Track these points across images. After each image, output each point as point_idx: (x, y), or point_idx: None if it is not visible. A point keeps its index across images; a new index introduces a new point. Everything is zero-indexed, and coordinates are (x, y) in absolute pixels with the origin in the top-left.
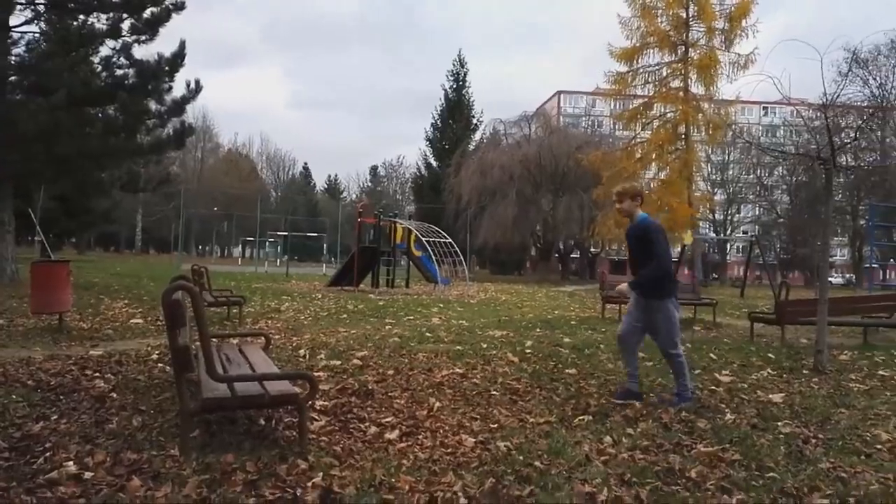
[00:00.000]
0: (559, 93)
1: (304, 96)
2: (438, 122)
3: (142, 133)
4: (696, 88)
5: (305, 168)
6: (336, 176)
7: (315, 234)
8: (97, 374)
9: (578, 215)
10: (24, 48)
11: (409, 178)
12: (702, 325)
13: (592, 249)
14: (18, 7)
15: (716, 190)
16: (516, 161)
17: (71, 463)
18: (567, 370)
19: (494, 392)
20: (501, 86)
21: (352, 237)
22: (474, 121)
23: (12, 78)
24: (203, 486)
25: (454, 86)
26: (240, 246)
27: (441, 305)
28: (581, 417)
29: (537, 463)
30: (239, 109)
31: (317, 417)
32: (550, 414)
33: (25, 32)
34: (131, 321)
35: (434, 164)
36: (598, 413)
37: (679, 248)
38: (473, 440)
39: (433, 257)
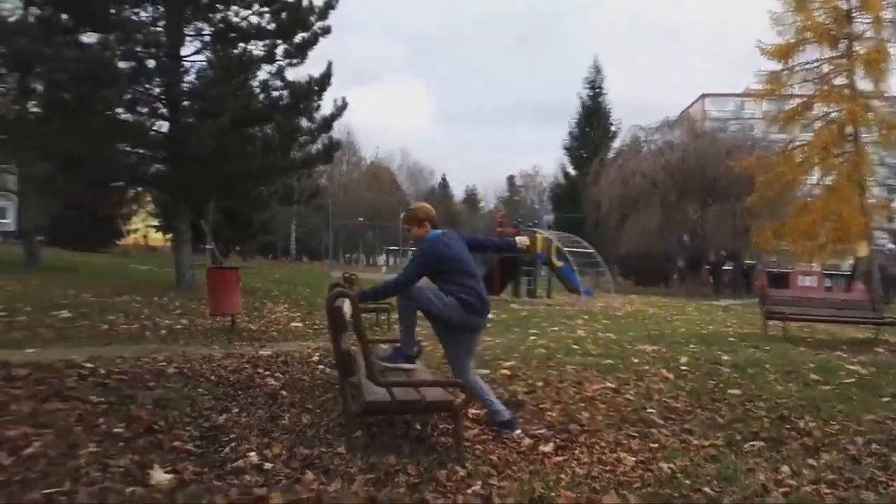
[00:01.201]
0: (704, 96)
1: (443, 109)
2: (576, 130)
3: (295, 150)
4: (864, 85)
5: (444, 179)
6: (474, 186)
7: None
8: (268, 373)
9: (730, 224)
10: (194, 76)
11: (547, 188)
12: (885, 346)
13: (747, 261)
14: (188, 38)
15: (893, 196)
16: (659, 168)
17: (253, 454)
18: (730, 390)
19: (651, 410)
20: (640, 91)
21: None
22: (612, 128)
23: (185, 103)
24: (369, 484)
25: (591, 93)
26: (384, 254)
27: (586, 317)
28: (752, 443)
29: (707, 489)
30: (381, 124)
31: (470, 425)
32: (716, 437)
33: (195, 62)
34: (292, 324)
35: (572, 172)
36: (771, 439)
37: (852, 261)
38: (633, 459)
39: (575, 267)
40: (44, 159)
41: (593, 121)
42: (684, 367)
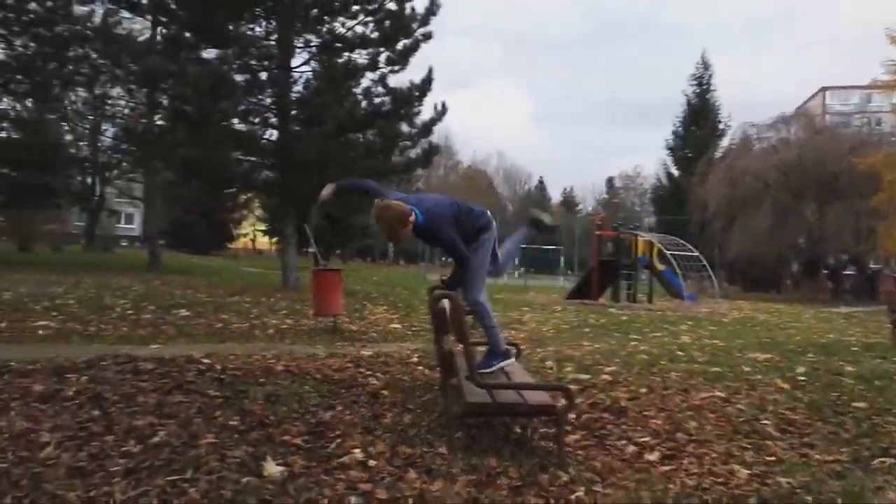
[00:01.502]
0: (824, 89)
1: (540, 110)
2: (680, 129)
3: (395, 154)
4: None
5: (541, 182)
6: (571, 188)
7: (551, 247)
8: (369, 373)
9: (853, 225)
10: (302, 86)
11: (649, 189)
12: None
13: (872, 265)
14: (297, 50)
15: None
16: (771, 167)
17: (357, 450)
18: (855, 403)
19: (765, 421)
20: (751, 86)
21: (589, 250)
22: (721, 126)
23: (293, 112)
24: (471, 486)
25: (697, 90)
26: None
27: (690, 323)
28: (881, 459)
29: None
30: (477, 127)
31: (570, 430)
32: (840, 452)
33: (303, 72)
34: (390, 326)
35: (675, 173)
36: None
37: None
38: (747, 472)
39: (678, 271)
40: (166, 168)
41: (699, 119)
42: (802, 378)
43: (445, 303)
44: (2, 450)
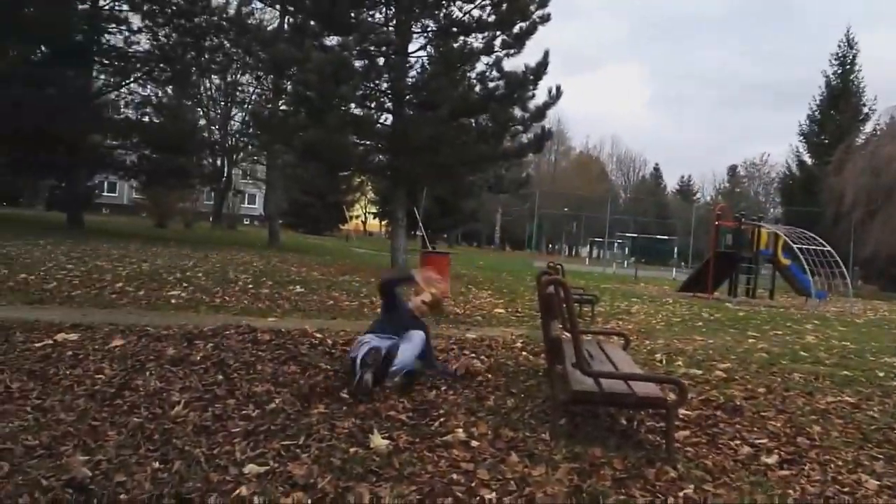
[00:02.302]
0: None
1: (658, 95)
2: (816, 113)
3: (507, 139)
4: None
5: (656, 169)
6: (689, 177)
7: (665, 237)
8: (473, 355)
9: None
10: (417, 71)
11: (775, 178)
12: None
13: None
14: (414, 35)
15: None
16: None
17: (460, 430)
18: None
19: None
20: None
21: (705, 241)
22: (864, 110)
23: (408, 97)
24: (573, 473)
25: (838, 70)
26: (588, 246)
27: (816, 322)
28: None
29: None
30: (591, 111)
31: (680, 426)
32: None
33: (419, 57)
34: (495, 310)
35: (808, 161)
36: None
37: None
38: (877, 483)
39: (806, 267)
40: (288, 151)
41: (840, 102)
42: None
43: (554, 288)
44: (138, 406)
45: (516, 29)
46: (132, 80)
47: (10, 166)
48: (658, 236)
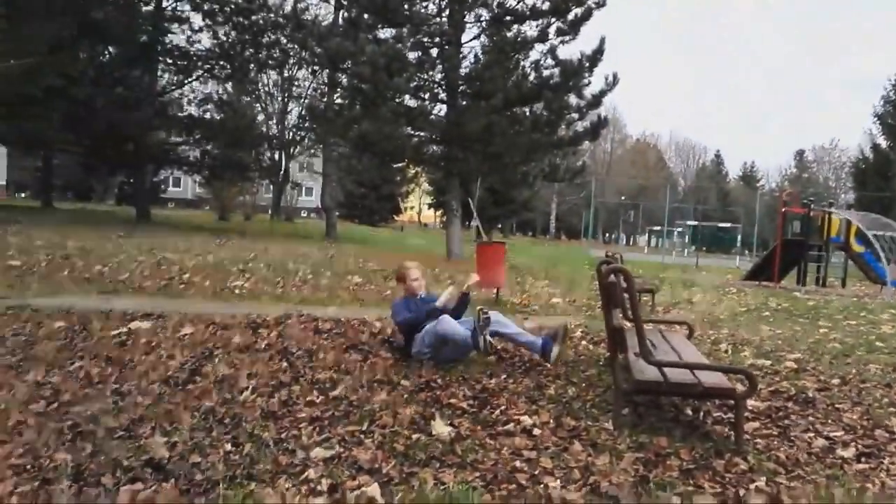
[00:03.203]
0: None
1: (719, 80)
2: (892, 93)
3: (562, 127)
4: None
5: (717, 155)
6: (752, 163)
7: (727, 225)
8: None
9: None
10: (470, 61)
11: (847, 163)
12: None
13: None
14: (467, 25)
15: None
16: None
17: (523, 417)
18: None
19: None
20: None
21: (770, 229)
22: None
23: (461, 87)
24: (638, 463)
25: None
26: (646, 235)
27: (893, 311)
28: None
29: None
30: (650, 98)
31: (749, 418)
32: None
33: (472, 47)
34: (552, 300)
35: (883, 144)
36: None
37: None
38: None
39: (881, 255)
40: (343, 143)
41: None
42: None
43: (616, 276)
44: (209, 391)
45: (571, 15)
46: (194, 77)
47: (83, 164)
48: (720, 224)
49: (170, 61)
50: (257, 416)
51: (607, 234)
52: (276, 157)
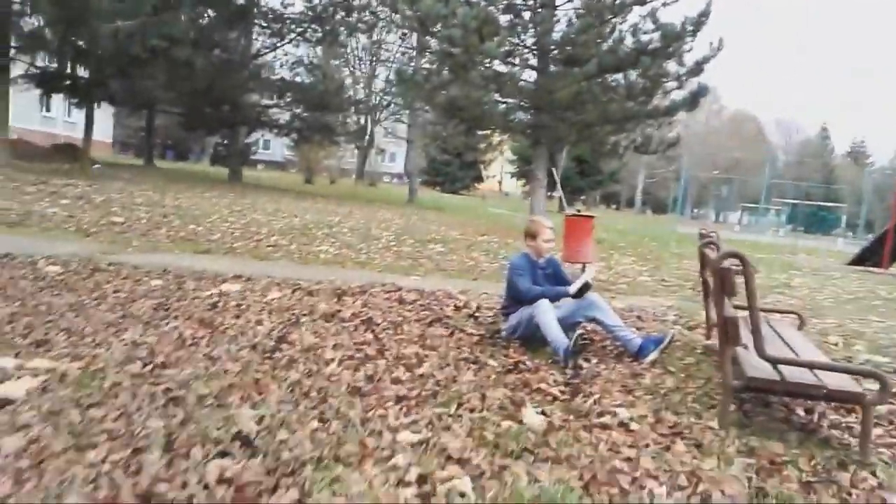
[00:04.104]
0: None
1: (831, 51)
2: None
3: (659, 96)
4: None
5: (824, 129)
6: (862, 141)
7: (830, 204)
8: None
9: None
10: (565, 25)
11: None
12: None
13: None
14: None
15: None
16: None
17: (621, 410)
18: None
19: None
20: None
21: (879, 210)
22: None
23: (553, 52)
24: (750, 470)
25: None
26: (739, 212)
27: None
28: None
29: None
30: (753, 66)
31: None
32: None
33: (566, 10)
34: (639, 278)
35: None
36: None
37: None
38: None
39: None
40: (430, 109)
41: None
42: None
43: (731, 262)
44: (296, 360)
45: None
46: (287, 40)
47: (183, 124)
48: (822, 203)
49: (264, 24)
50: (343, 392)
51: (695, 210)
52: (362, 121)
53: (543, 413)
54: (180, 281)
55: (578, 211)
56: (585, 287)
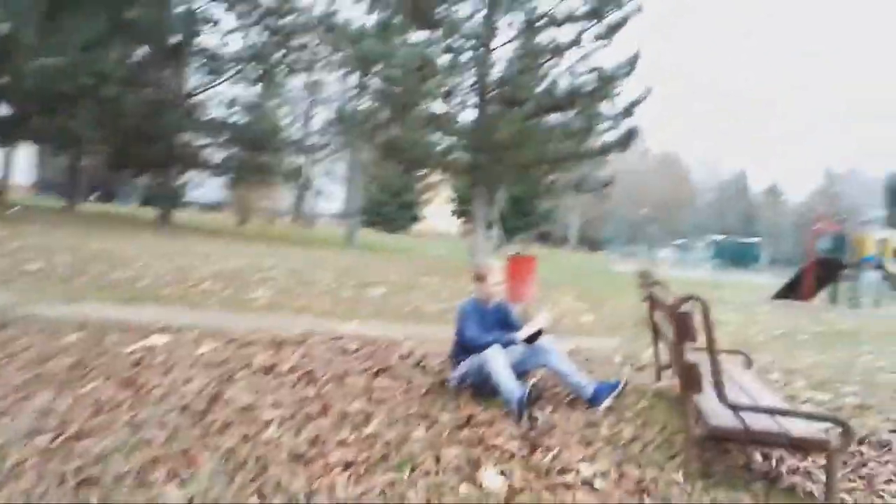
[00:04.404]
0: None
1: (742, 102)
2: None
3: (593, 136)
4: None
5: (742, 172)
6: (778, 183)
7: (751, 241)
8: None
9: None
10: (503, 66)
11: (882, 179)
12: None
13: None
14: (501, 29)
15: None
16: None
17: (581, 466)
18: None
19: None
20: None
21: (794, 244)
22: None
23: (492, 92)
24: None
25: None
26: (665, 249)
27: None
28: None
29: None
30: (671, 113)
31: (822, 465)
32: None
33: (504, 52)
34: (581, 318)
35: None
36: None
37: None
38: None
39: None
40: (369, 148)
41: None
42: None
43: (692, 305)
44: (230, 424)
45: (607, 20)
46: (224, 79)
47: (110, 164)
48: (743, 239)
49: (200, 63)
50: (284, 459)
51: (628, 247)
52: (299, 161)
53: (503, 473)
54: (101, 334)
55: (519, 252)
56: (537, 334)
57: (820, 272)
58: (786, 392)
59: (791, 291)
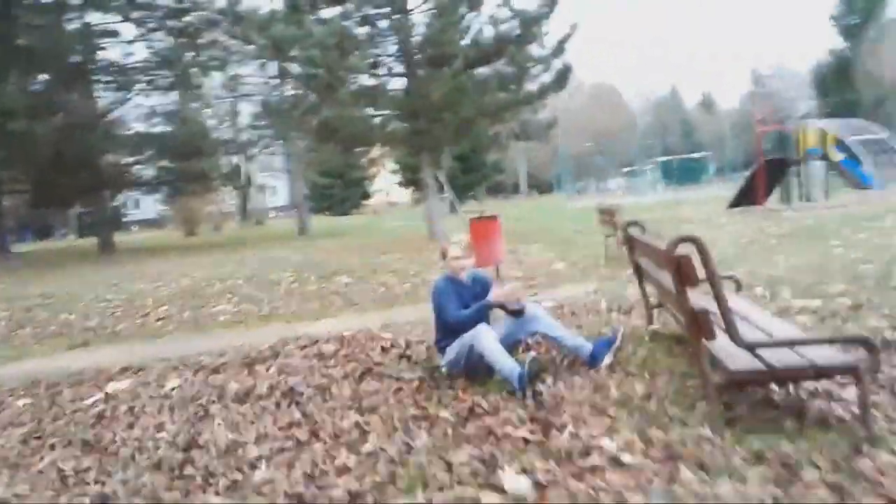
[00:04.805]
0: None
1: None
2: None
3: (528, 81)
4: None
5: (674, 90)
6: (709, 92)
7: (697, 155)
8: None
9: None
10: (424, 27)
11: (807, 72)
12: None
13: None
14: None
15: None
16: None
17: (603, 441)
18: None
19: None
20: None
21: (738, 152)
22: None
23: (417, 56)
24: (769, 483)
25: None
26: (616, 179)
27: (895, 215)
28: None
29: None
30: (599, 40)
31: (843, 383)
32: None
33: (423, 12)
34: (553, 266)
35: (839, 47)
36: None
37: None
38: None
39: (860, 159)
40: (303, 135)
41: None
42: None
43: (688, 248)
44: (213, 474)
45: None
46: (135, 92)
47: (34, 200)
48: (689, 155)
49: (107, 79)
50: None
51: (578, 183)
52: (235, 160)
53: (523, 469)
54: (54, 392)
55: (482, 213)
56: (521, 310)
57: (769, 173)
58: (777, 306)
59: (745, 197)
